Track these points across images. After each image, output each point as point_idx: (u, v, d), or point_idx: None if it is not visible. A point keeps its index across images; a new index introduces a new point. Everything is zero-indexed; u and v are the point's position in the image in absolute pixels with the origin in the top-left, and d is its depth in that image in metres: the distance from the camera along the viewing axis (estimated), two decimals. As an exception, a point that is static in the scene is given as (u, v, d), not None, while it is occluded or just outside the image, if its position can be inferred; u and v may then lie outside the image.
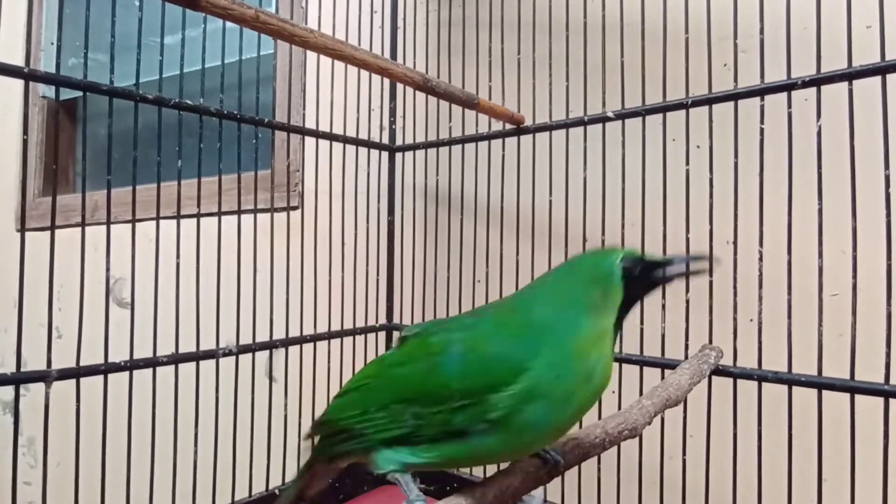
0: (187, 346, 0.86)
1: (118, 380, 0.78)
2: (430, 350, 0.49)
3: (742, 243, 0.79)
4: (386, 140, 1.24)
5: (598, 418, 0.73)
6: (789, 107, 0.76)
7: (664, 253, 0.82)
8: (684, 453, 0.81)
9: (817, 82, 0.74)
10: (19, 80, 0.71)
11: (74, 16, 0.83)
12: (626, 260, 0.49)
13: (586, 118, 0.94)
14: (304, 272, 1.05)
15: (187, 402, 0.85)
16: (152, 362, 0.82)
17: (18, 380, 0.69)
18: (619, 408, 0.75)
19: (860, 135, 0.71)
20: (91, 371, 0.75)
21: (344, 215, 1.16)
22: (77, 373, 0.74)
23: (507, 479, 0.51)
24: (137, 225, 0.81)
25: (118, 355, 0.79)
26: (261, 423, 0.96)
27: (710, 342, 0.81)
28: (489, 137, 1.07)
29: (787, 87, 0.76)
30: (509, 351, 0.46)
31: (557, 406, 0.45)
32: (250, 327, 0.95)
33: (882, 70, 0.69)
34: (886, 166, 0.68)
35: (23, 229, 0.74)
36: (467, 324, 0.51)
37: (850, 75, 0.71)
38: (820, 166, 0.73)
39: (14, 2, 0.83)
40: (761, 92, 0.78)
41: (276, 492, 0.98)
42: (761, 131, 0.78)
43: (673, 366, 0.77)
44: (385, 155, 1.23)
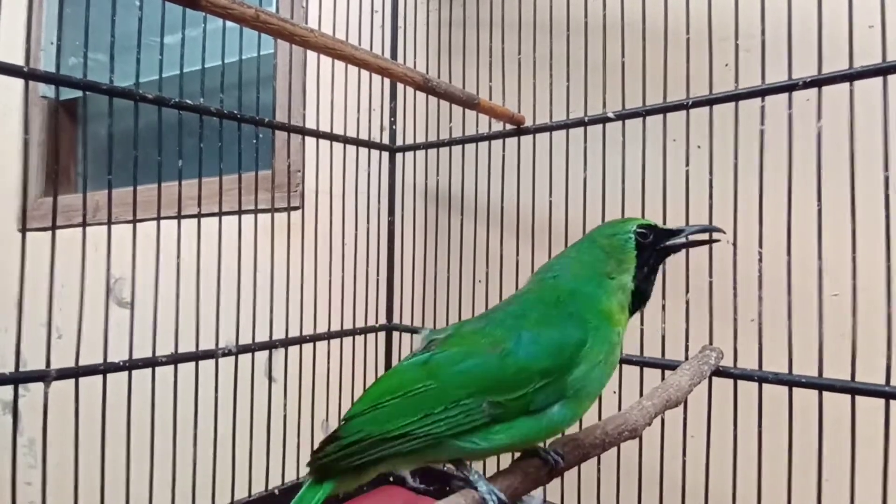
0: (187, 346, 0.86)
1: (117, 380, 0.78)
2: (493, 341, 0.50)
3: (742, 244, 0.79)
4: (386, 140, 1.24)
5: (598, 419, 0.73)
6: (790, 108, 0.76)
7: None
8: (684, 454, 0.81)
9: (818, 83, 0.74)
10: (19, 80, 0.71)
11: (74, 15, 0.83)
12: (639, 228, 0.55)
13: (587, 119, 0.94)
14: (305, 272, 1.05)
15: (187, 402, 0.85)
16: (151, 362, 0.82)
17: (17, 379, 0.69)
18: (619, 408, 0.75)
19: (861, 136, 0.71)
20: (90, 371, 0.76)
21: (344, 215, 1.16)
22: (76, 372, 0.74)
23: (507, 479, 0.51)
24: (138, 225, 0.81)
25: (118, 355, 0.79)
26: (260, 423, 0.96)
27: (711, 343, 0.81)
28: (489, 138, 1.07)
29: (788, 87, 0.76)
30: (571, 329, 0.50)
31: (606, 370, 0.51)
32: (250, 327, 0.95)
33: (883, 71, 0.69)
34: (886, 168, 0.68)
35: (24, 229, 0.74)
36: (514, 312, 0.53)
37: (851, 76, 0.71)
38: (820, 167, 0.72)
39: (14, 1, 0.83)
40: (762, 93, 0.78)
41: (276, 492, 0.98)
42: (762, 132, 0.77)
43: (673, 367, 0.77)
44: (385, 155, 1.23)
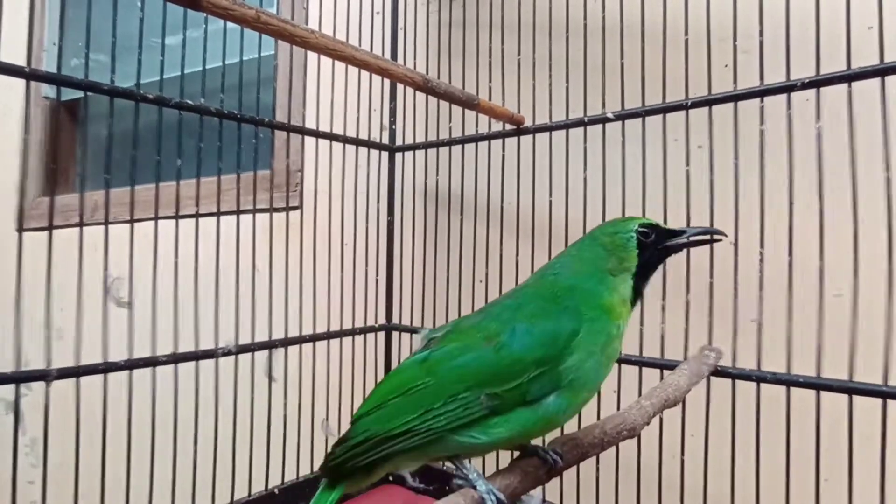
0: (186, 346, 0.86)
1: (118, 379, 0.78)
2: (488, 335, 0.51)
3: (742, 244, 0.79)
4: (386, 140, 1.24)
5: (597, 418, 0.73)
6: (789, 108, 0.76)
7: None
8: (683, 454, 0.81)
9: (817, 84, 0.74)
10: (21, 80, 0.71)
11: (76, 17, 0.83)
12: (641, 227, 0.56)
13: (586, 119, 0.94)
14: (304, 272, 1.05)
15: (187, 402, 0.85)
16: (151, 362, 0.82)
17: (18, 378, 0.69)
18: (618, 408, 0.75)
19: (860, 136, 0.71)
20: (90, 370, 0.76)
21: (344, 215, 1.16)
22: (77, 372, 0.74)
23: (507, 479, 0.51)
24: (136, 225, 0.81)
25: (118, 355, 0.79)
26: (260, 423, 0.96)
27: (710, 343, 0.81)
28: (489, 138, 1.07)
29: (787, 88, 0.76)
30: (565, 321, 0.51)
31: (603, 361, 0.52)
32: (250, 327, 0.95)
33: (881, 72, 0.69)
34: (886, 168, 0.68)
35: (21, 229, 0.74)
36: (511, 305, 0.54)
37: (849, 77, 0.71)
38: (821, 167, 0.73)
39: (16, 2, 0.83)
40: (761, 93, 0.78)
41: (276, 491, 0.99)
42: (762, 132, 0.78)
43: (672, 367, 0.77)
44: (385, 155, 1.23)
